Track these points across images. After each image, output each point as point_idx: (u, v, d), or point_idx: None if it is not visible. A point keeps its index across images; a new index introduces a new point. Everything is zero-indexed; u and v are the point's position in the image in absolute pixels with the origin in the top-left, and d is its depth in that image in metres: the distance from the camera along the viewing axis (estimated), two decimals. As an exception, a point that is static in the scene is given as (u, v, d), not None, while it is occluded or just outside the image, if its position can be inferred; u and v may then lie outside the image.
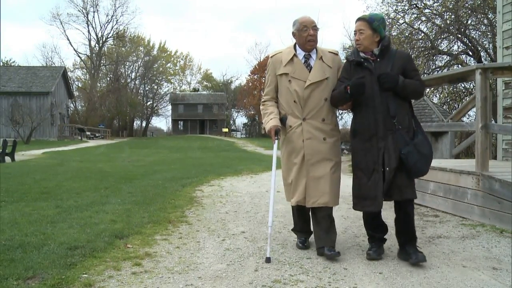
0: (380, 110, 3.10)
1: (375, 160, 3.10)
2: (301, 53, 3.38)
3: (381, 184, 3.08)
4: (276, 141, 3.36)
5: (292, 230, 3.78)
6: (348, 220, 4.67)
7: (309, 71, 3.30)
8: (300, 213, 3.55)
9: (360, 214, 4.40)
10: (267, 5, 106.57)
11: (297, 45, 3.41)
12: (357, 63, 3.21)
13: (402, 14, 18.33)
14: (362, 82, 3.06)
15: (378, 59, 3.17)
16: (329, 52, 3.44)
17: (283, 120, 3.40)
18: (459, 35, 16.39)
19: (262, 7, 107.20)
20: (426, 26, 18.09)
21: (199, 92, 70.59)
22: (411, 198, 3.16)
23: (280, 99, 3.45)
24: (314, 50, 3.38)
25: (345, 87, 3.11)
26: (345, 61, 3.47)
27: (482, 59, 16.17)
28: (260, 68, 57.75)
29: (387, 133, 3.08)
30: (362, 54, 3.20)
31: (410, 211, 3.21)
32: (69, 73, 46.15)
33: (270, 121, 3.36)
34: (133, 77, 62.82)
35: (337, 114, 3.49)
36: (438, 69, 18.01)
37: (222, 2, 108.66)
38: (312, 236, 3.53)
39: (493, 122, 6.55)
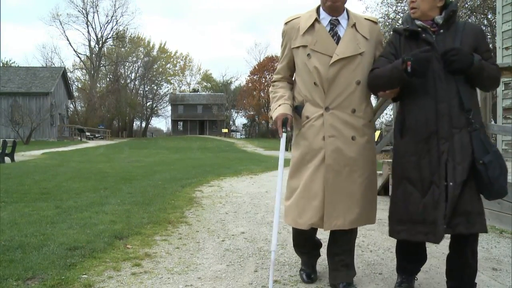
0: (445, 98, 2.18)
1: (434, 169, 2.17)
2: (326, 18, 2.44)
3: (443, 204, 2.14)
4: (284, 134, 2.42)
5: (295, 250, 2.86)
6: (347, 220, 4.67)
7: (337, 43, 2.37)
8: (309, 238, 2.68)
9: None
10: (268, 5, 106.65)
11: (321, 8, 2.49)
12: (411, 34, 2.30)
13: (402, 15, 18.38)
14: (429, 57, 2.14)
15: (441, 30, 2.27)
16: (365, 19, 2.51)
17: (298, 109, 2.48)
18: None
19: (262, 8, 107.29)
20: (426, 27, 18.07)
21: (198, 93, 70.61)
22: (481, 232, 2.24)
23: (297, 80, 2.53)
24: (345, 14, 2.46)
25: (404, 62, 2.15)
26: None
27: (482, 59, 16.17)
28: (260, 69, 57.86)
29: (452, 132, 2.17)
30: (418, 22, 2.30)
31: (475, 249, 2.32)
32: (68, 73, 46.18)
33: (277, 109, 2.47)
34: (132, 77, 62.93)
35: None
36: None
37: (223, 3, 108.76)
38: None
39: (492, 122, 6.56)
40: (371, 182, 2.46)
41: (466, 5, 15.59)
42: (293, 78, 2.60)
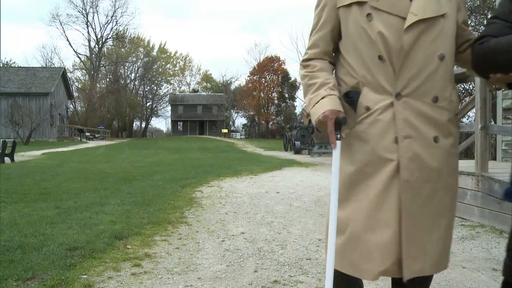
0: None
1: None
2: None
3: None
4: (338, 143, 1.60)
5: None
6: (347, 221, 4.68)
7: None
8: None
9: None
10: (269, 6, 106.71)
11: None
12: None
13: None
14: None
15: None
16: None
17: (352, 96, 1.63)
18: (459, 36, 16.43)
19: (263, 9, 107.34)
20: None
21: (198, 93, 70.66)
22: None
23: (347, 55, 1.67)
24: None
25: None
26: None
27: (482, 60, 16.19)
28: (260, 69, 57.90)
29: None
30: None
31: None
32: (68, 74, 46.21)
33: (321, 102, 1.61)
34: (132, 78, 62.99)
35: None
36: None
37: (224, 4, 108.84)
38: None
39: (492, 123, 6.57)
40: (454, 205, 1.68)
41: (466, 5, 15.63)
42: (337, 54, 1.75)
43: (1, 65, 47.35)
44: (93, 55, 56.13)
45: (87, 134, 40.70)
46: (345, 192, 1.63)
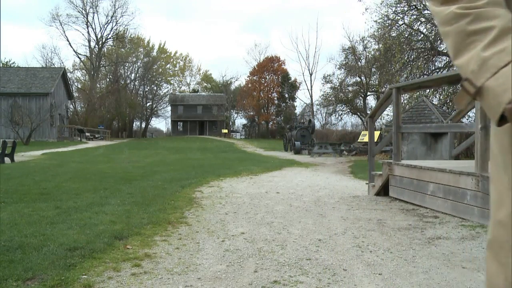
0: None
1: None
2: None
3: None
4: None
5: None
6: (347, 221, 4.68)
7: None
8: None
9: (359, 214, 4.38)
10: (270, 7, 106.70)
11: None
12: None
13: (401, 15, 18.45)
14: None
15: None
16: None
17: None
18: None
19: (264, 9, 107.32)
20: (426, 27, 18.16)
21: (198, 93, 70.69)
22: None
23: None
24: None
25: None
26: None
27: (482, 60, 16.16)
28: (259, 70, 57.90)
29: None
30: None
31: None
32: (68, 74, 46.18)
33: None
34: (132, 78, 63.00)
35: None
36: (437, 70, 18.11)
37: (225, 4, 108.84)
38: None
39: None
40: None
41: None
42: None
43: (1, 65, 47.37)
44: (93, 55, 56.11)
45: (87, 134, 40.66)
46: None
